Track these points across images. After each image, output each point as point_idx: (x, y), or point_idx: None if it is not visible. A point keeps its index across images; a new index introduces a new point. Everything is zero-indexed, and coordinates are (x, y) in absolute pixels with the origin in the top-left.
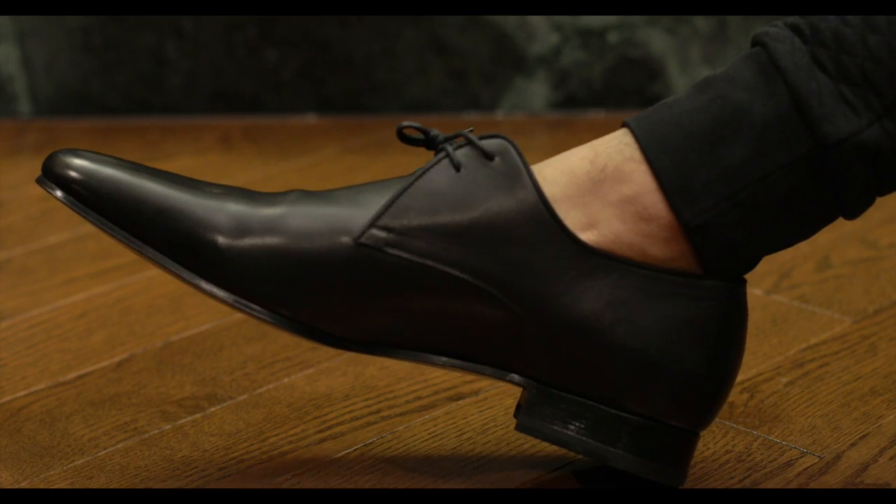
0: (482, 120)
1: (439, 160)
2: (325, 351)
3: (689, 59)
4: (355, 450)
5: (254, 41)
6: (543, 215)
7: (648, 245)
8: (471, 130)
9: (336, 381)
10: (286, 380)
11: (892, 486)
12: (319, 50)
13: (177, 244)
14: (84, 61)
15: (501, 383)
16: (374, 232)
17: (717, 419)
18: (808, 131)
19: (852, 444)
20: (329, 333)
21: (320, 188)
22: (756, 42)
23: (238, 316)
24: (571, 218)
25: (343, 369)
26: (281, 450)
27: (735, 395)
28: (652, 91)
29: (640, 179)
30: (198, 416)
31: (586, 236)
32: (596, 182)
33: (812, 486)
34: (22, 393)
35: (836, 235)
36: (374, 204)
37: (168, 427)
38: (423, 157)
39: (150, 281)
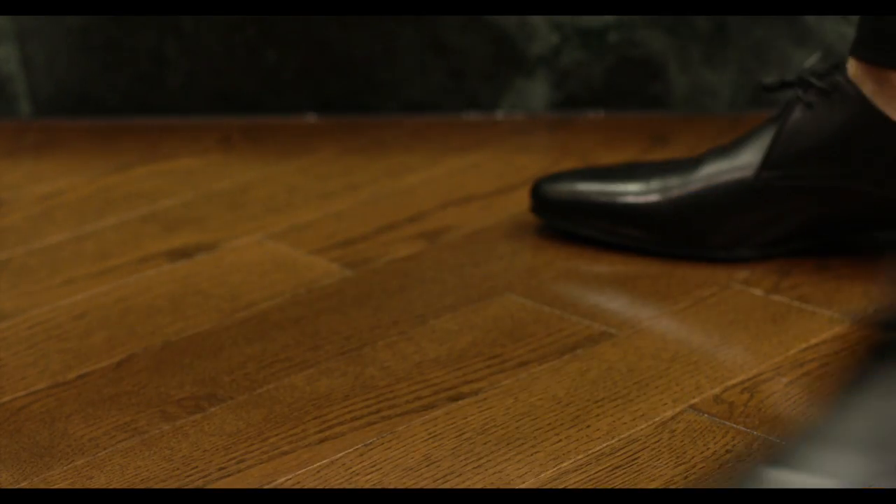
0: (482, 120)
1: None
2: (325, 350)
3: (689, 59)
4: (355, 450)
5: (254, 41)
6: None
7: None
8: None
9: (336, 381)
10: (286, 380)
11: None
12: (319, 50)
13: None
14: (84, 61)
15: (502, 383)
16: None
17: (717, 419)
18: None
19: None
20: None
21: (320, 188)
22: None
23: (238, 316)
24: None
25: (343, 369)
26: (281, 450)
27: (735, 395)
28: (652, 91)
29: None
30: (198, 416)
31: None
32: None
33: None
34: (22, 393)
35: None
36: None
37: (168, 427)
38: (424, 157)
39: (150, 281)
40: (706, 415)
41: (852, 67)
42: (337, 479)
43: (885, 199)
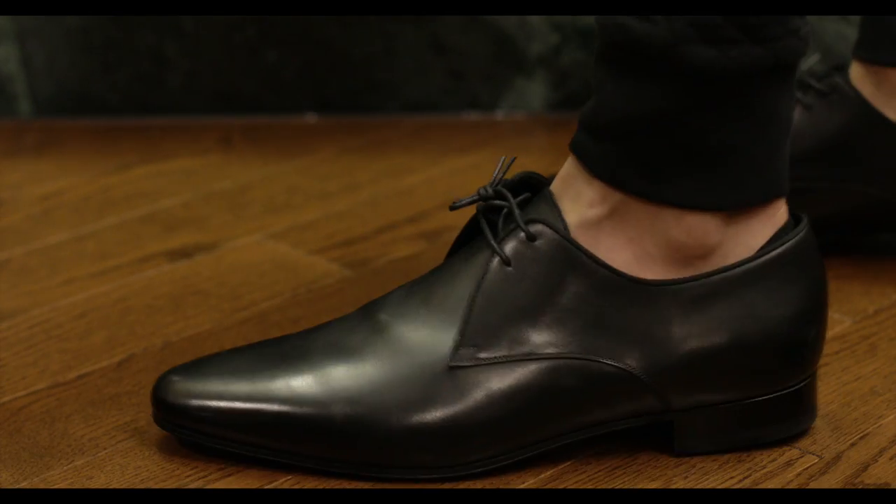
0: (482, 120)
1: (487, 263)
2: None
3: None
4: None
5: (254, 41)
6: (615, 280)
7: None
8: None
9: None
10: None
11: (892, 486)
12: (319, 50)
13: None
14: (84, 61)
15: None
16: (463, 351)
17: None
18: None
19: (852, 444)
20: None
21: (320, 188)
22: None
23: (238, 316)
24: (624, 267)
25: None
26: None
27: None
28: None
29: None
30: None
31: (645, 275)
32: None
33: (812, 486)
34: (22, 393)
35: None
36: (447, 329)
37: None
38: (424, 157)
39: (150, 281)
40: None
41: (854, 70)
42: (337, 479)
43: (883, 201)
